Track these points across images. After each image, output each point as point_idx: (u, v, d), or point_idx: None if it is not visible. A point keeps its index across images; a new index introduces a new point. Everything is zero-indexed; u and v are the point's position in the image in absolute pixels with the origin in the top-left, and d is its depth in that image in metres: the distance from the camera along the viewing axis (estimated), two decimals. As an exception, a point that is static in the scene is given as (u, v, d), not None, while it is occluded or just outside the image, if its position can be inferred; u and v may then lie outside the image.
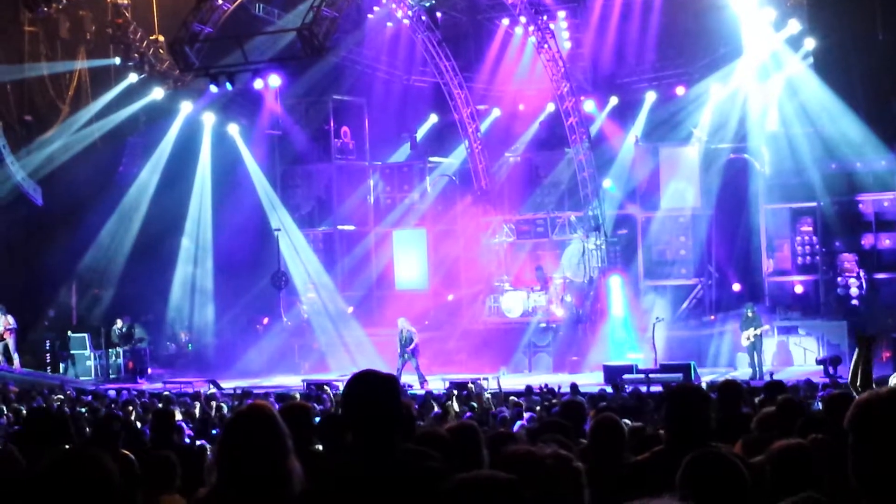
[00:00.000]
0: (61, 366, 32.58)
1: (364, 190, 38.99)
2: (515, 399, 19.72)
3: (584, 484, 4.39)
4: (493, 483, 3.77)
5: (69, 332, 33.34)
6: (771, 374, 25.37)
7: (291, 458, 4.98)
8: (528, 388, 22.06)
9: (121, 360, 33.31)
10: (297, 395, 20.16)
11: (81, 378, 31.59)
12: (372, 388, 5.05)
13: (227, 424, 5.41)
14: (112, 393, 23.52)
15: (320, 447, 7.66)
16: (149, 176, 35.52)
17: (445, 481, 3.85)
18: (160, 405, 19.16)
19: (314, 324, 35.54)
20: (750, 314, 28.90)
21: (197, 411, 19.12)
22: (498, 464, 4.84)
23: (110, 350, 33.40)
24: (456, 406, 18.56)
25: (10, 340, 30.95)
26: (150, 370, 33.29)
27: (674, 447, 6.30)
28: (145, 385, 30.17)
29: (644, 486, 5.90)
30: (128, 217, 35.27)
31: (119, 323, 33.82)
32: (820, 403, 14.62)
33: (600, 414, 8.94)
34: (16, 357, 30.97)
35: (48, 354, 32.76)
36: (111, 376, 32.72)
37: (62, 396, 22.56)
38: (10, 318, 31.06)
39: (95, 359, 32.77)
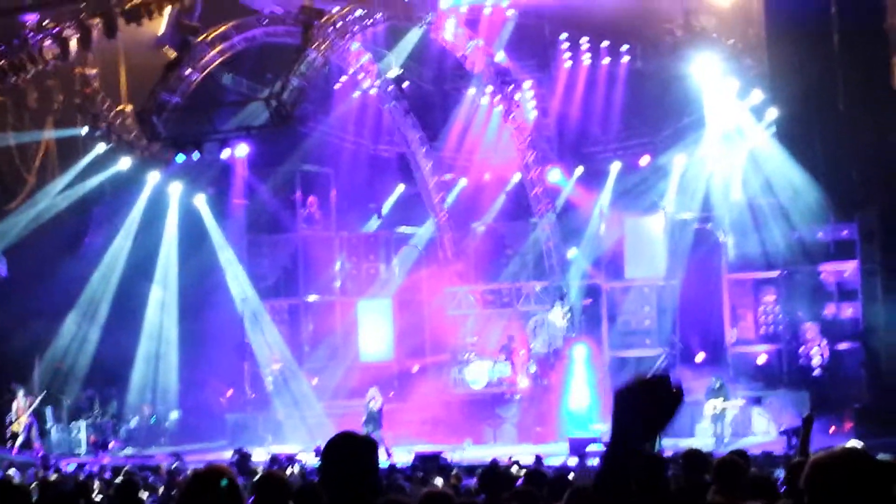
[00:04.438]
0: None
1: (330, 260, 38.96)
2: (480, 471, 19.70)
3: None
4: None
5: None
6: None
7: None
8: (494, 462, 21.94)
9: (83, 434, 32.98)
10: (260, 469, 20.06)
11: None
12: (352, 449, 5.12)
13: (185, 486, 5.42)
14: (71, 468, 23.29)
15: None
16: (117, 249, 35.38)
17: None
18: (122, 479, 19.00)
19: (278, 396, 35.37)
20: (717, 386, 29.05)
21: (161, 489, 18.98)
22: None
23: (72, 423, 33.12)
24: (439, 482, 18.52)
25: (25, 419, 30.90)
26: (112, 443, 33.02)
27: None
28: (107, 459, 29.87)
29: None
30: (94, 291, 35.12)
31: (82, 396, 33.56)
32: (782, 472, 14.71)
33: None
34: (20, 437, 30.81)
35: (9, 429, 32.42)
36: (74, 450, 32.41)
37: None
38: (22, 399, 31.05)
39: (57, 432, 32.45)
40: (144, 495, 16.70)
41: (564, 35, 37.83)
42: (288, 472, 21.94)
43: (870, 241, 31.54)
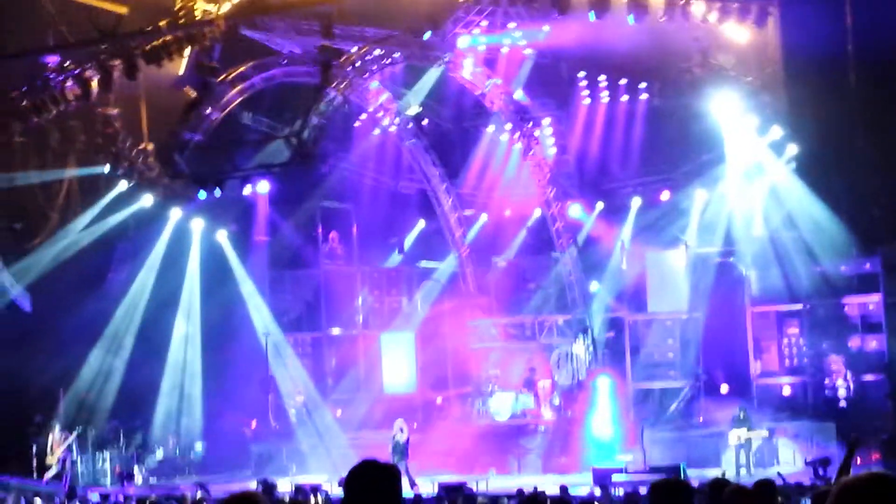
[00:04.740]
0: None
1: (352, 295, 39.09)
2: (506, 501, 19.74)
3: None
4: None
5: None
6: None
7: None
8: (520, 492, 21.96)
9: (108, 465, 33.07)
10: (287, 499, 20.06)
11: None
12: (375, 476, 5.11)
13: None
14: (95, 498, 23.33)
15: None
16: (140, 284, 35.56)
17: None
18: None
19: (302, 427, 35.39)
20: (742, 416, 29.01)
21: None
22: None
23: (97, 454, 33.20)
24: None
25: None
26: (137, 475, 33.07)
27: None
28: (132, 490, 29.89)
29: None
30: (118, 325, 35.28)
31: (107, 428, 33.65)
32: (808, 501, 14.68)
33: None
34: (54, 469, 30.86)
35: (35, 459, 32.46)
36: (99, 481, 32.49)
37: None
38: (58, 434, 31.16)
39: (82, 463, 32.50)
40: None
41: (582, 73, 37.98)
42: (312, 501, 21.95)
43: (893, 275, 31.54)
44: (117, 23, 28.55)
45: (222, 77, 30.90)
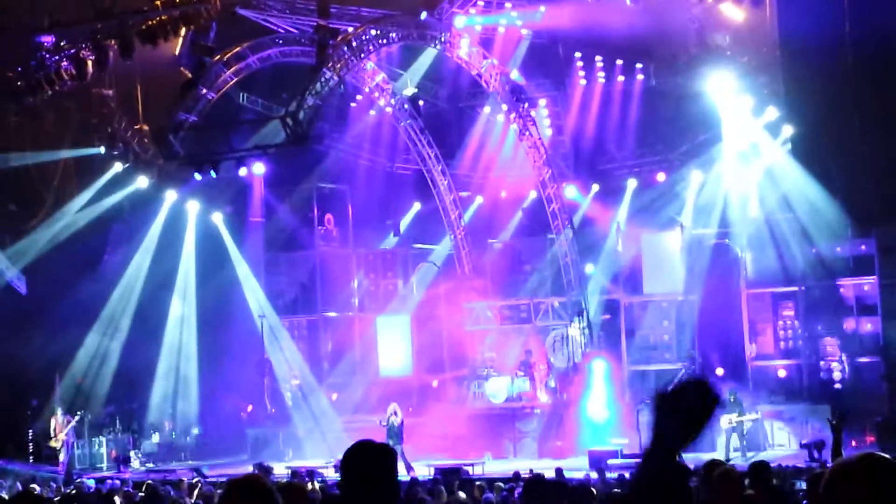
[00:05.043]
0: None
1: (348, 277, 39.08)
2: (501, 484, 19.76)
3: None
4: None
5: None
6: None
7: None
8: (516, 475, 22.02)
9: (104, 449, 33.11)
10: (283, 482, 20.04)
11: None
12: (370, 456, 5.12)
13: (225, 491, 5.42)
14: (92, 483, 23.37)
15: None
16: (136, 266, 35.55)
17: None
18: (146, 490, 19.11)
19: (297, 411, 35.43)
20: (732, 399, 29.01)
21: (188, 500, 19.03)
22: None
23: (94, 439, 33.23)
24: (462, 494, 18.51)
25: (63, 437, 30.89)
26: (133, 459, 33.14)
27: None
28: (129, 474, 29.93)
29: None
30: (114, 308, 35.27)
31: (103, 412, 33.68)
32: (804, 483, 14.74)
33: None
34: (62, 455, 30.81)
35: (31, 444, 32.49)
36: (95, 465, 32.53)
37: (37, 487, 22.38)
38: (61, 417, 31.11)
39: (78, 447, 32.52)
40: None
41: (579, 54, 37.92)
42: (308, 487, 21.97)
43: (889, 257, 31.55)
44: (113, 2, 28.44)
45: (218, 57, 30.78)
